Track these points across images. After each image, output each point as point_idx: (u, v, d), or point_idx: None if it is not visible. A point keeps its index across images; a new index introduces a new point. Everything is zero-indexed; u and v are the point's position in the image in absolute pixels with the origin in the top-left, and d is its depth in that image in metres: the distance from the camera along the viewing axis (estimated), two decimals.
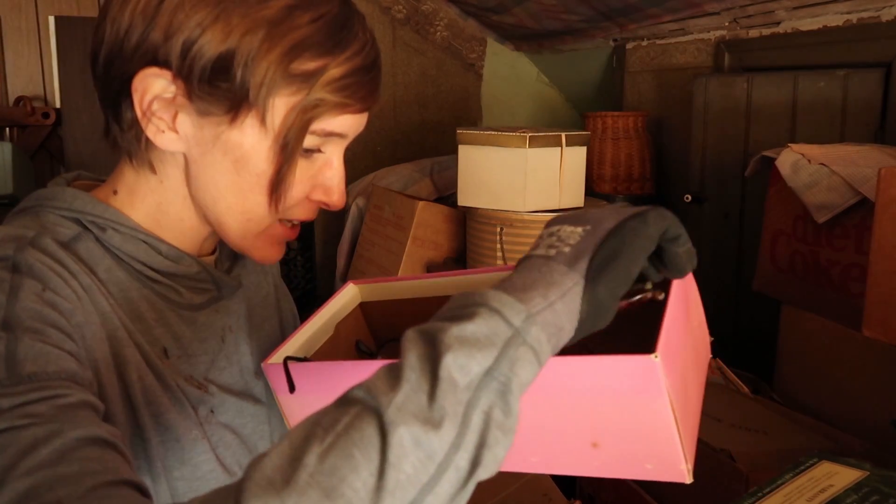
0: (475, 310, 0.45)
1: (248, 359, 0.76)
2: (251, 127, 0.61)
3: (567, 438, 0.55)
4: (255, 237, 0.67)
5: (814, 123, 1.79)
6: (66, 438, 0.47)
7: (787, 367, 1.50)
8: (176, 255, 0.68)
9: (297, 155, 0.63)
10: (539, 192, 1.85)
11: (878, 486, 0.77)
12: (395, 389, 0.41)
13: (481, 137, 1.88)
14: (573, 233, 0.51)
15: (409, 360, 0.42)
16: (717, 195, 2.04)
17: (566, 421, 0.54)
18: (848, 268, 1.33)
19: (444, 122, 3.19)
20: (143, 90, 0.60)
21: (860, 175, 1.29)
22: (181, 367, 0.67)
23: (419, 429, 0.40)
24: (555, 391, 0.53)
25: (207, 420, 0.68)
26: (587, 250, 0.49)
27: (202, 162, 0.63)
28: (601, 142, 2.35)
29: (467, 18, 3.14)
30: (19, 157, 2.40)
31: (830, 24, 1.80)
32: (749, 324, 1.97)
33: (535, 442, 0.56)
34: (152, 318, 0.66)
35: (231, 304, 0.75)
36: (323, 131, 0.63)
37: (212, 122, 0.61)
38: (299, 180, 0.64)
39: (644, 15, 2.31)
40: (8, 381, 0.50)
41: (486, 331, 0.44)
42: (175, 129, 0.62)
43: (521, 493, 1.44)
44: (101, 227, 0.64)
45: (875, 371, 1.26)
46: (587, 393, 0.52)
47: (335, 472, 0.38)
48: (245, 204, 0.64)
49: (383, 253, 2.21)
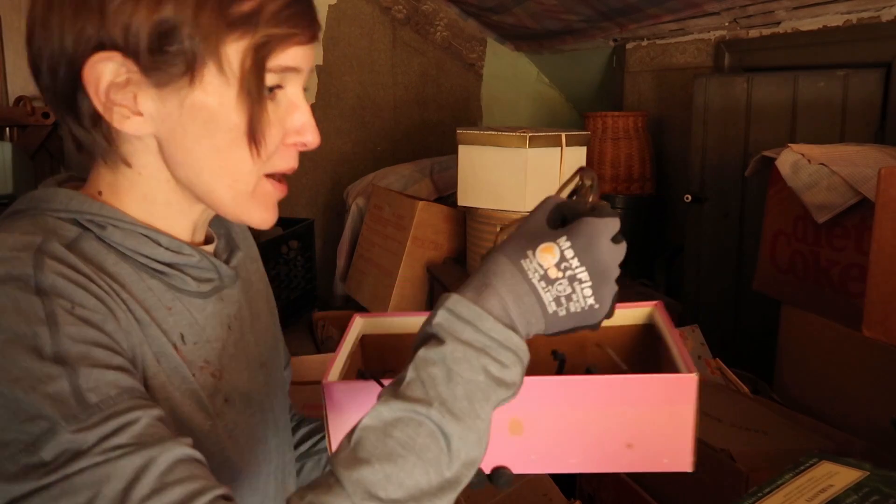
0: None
1: (253, 349, 0.76)
2: (211, 83, 0.61)
3: (606, 442, 0.65)
4: (247, 199, 0.67)
5: (814, 123, 1.79)
6: (160, 465, 0.51)
7: (787, 367, 1.50)
8: (176, 245, 0.68)
9: (264, 96, 0.63)
10: (539, 192, 1.85)
11: (878, 486, 0.77)
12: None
13: (481, 137, 1.88)
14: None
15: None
16: (717, 195, 2.04)
17: (608, 427, 0.64)
18: (848, 268, 1.33)
19: (444, 122, 3.19)
20: (95, 80, 0.60)
21: (860, 175, 1.29)
22: (198, 352, 0.68)
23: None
24: (601, 404, 0.64)
25: (221, 412, 0.69)
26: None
27: (174, 137, 0.63)
28: (601, 142, 2.35)
29: (467, 18, 3.14)
30: (19, 157, 2.40)
31: (830, 24, 1.80)
32: (749, 324, 1.97)
33: (577, 446, 0.65)
34: (165, 307, 0.66)
35: (232, 293, 0.75)
36: (279, 67, 0.63)
37: (172, 90, 0.61)
38: (270, 126, 0.64)
39: (644, 15, 2.31)
40: (84, 416, 0.51)
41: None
42: (139, 111, 0.62)
43: (521, 493, 1.44)
44: (101, 226, 0.64)
45: (875, 371, 1.26)
46: (630, 405, 0.64)
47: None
48: (228, 164, 0.64)
49: (383, 253, 2.20)
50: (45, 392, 0.52)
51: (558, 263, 0.58)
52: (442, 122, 3.19)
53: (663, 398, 0.64)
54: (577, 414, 0.64)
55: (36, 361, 0.52)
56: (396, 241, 2.15)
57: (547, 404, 0.64)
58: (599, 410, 0.64)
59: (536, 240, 0.59)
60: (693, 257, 2.13)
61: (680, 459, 0.65)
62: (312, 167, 3.02)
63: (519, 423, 0.65)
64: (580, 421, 0.64)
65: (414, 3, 3.07)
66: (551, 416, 0.64)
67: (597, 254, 0.58)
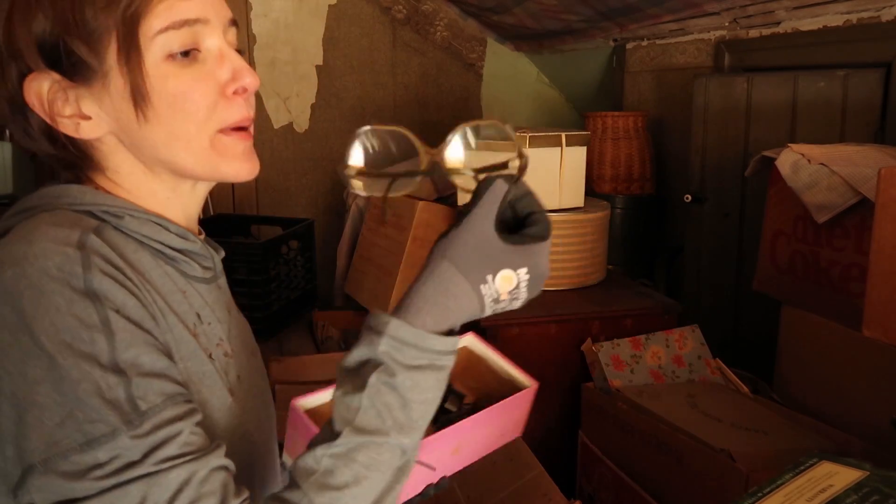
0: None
1: (245, 335, 0.81)
2: (120, 65, 0.64)
3: (493, 438, 0.96)
4: (209, 156, 0.68)
5: (814, 123, 1.79)
6: (200, 476, 0.57)
7: (787, 367, 1.50)
8: (183, 232, 0.71)
9: (141, 61, 0.63)
10: (539, 192, 1.84)
11: (878, 486, 0.77)
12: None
13: None
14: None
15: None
16: (717, 195, 2.04)
17: (494, 430, 0.94)
18: (848, 268, 1.33)
19: (444, 122, 3.19)
20: (34, 98, 0.64)
21: (860, 175, 1.29)
22: (213, 331, 0.71)
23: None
24: (495, 421, 0.92)
25: (235, 389, 0.72)
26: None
27: (124, 126, 0.66)
28: (601, 142, 2.35)
29: (467, 18, 3.14)
30: (19, 157, 2.40)
31: (830, 24, 1.80)
32: (749, 324, 1.97)
33: (481, 446, 0.95)
34: (180, 290, 0.69)
35: (223, 283, 0.79)
36: (175, 22, 0.64)
37: (99, 84, 0.64)
38: (198, 82, 0.65)
39: (644, 15, 2.31)
40: (138, 422, 0.56)
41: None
42: (85, 115, 0.65)
43: (521, 492, 1.44)
44: (118, 216, 0.66)
45: (875, 371, 1.26)
46: (508, 414, 0.94)
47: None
48: (173, 131, 0.66)
49: (383, 253, 2.21)
50: (106, 398, 0.55)
51: (511, 290, 0.62)
52: (442, 122, 3.19)
53: (519, 404, 0.94)
54: (483, 430, 0.91)
55: (96, 368, 0.56)
56: (396, 241, 2.15)
57: (473, 433, 0.90)
58: (494, 425, 0.93)
59: (495, 259, 0.61)
60: (693, 257, 2.13)
61: (519, 431, 0.99)
62: (312, 167, 3.02)
63: (458, 448, 0.90)
64: (485, 434, 0.92)
65: (414, 3, 3.07)
66: (474, 439, 0.91)
67: (540, 283, 0.63)
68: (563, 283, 1.86)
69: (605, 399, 1.54)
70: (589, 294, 1.85)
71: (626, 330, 1.72)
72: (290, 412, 0.88)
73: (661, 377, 1.60)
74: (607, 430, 1.52)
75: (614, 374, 1.58)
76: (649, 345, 1.64)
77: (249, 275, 2.07)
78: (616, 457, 1.45)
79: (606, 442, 1.53)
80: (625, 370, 1.60)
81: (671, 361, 1.63)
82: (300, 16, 2.93)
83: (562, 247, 1.84)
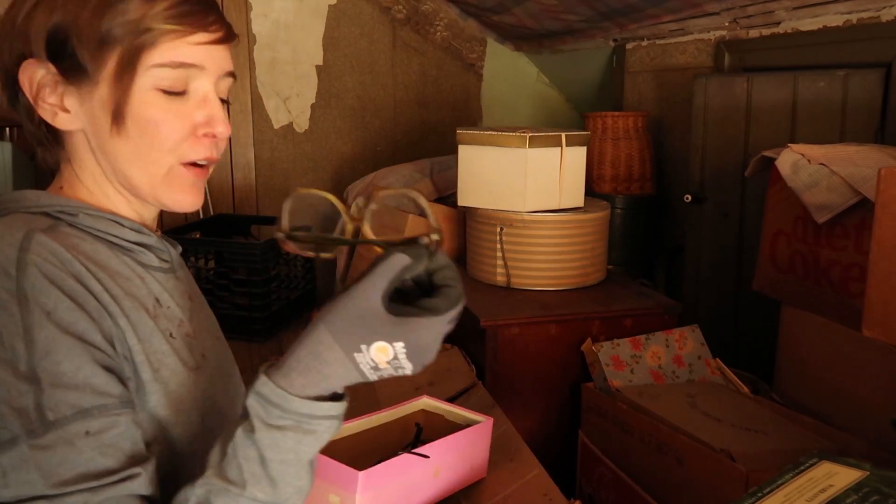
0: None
1: (208, 322, 0.84)
2: (113, 79, 0.69)
3: (463, 464, 1.13)
4: (161, 183, 0.73)
5: (814, 123, 1.79)
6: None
7: (787, 367, 1.50)
8: (137, 227, 0.75)
9: (132, 84, 0.69)
10: (539, 192, 1.85)
11: (878, 486, 0.77)
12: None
13: (481, 137, 1.88)
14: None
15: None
16: (717, 195, 2.04)
17: (467, 456, 1.14)
18: (848, 268, 1.33)
19: (444, 122, 3.19)
20: (27, 82, 0.70)
21: (860, 175, 1.29)
22: (173, 314, 0.75)
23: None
24: (466, 447, 1.12)
25: (201, 365, 0.76)
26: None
27: (96, 130, 0.71)
28: (601, 142, 2.35)
29: (467, 18, 3.14)
30: (19, 157, 2.40)
31: (830, 24, 1.80)
32: (749, 324, 1.97)
33: (460, 473, 1.12)
34: (138, 276, 0.73)
35: (182, 275, 0.83)
36: (173, 62, 0.69)
37: (87, 88, 0.69)
38: (174, 118, 0.70)
39: (644, 15, 2.31)
40: (41, 432, 0.58)
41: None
42: (65, 108, 0.70)
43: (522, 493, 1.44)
44: (72, 213, 0.71)
45: (875, 371, 1.26)
46: (474, 444, 1.15)
47: None
48: (137, 151, 0.71)
49: None
50: (13, 406, 0.58)
51: (390, 360, 0.60)
52: (442, 122, 3.19)
53: (482, 434, 1.14)
54: (456, 455, 1.09)
55: (10, 375, 0.58)
56: None
57: (449, 457, 1.06)
58: (464, 450, 1.11)
59: (371, 329, 0.60)
60: (693, 257, 2.13)
61: (483, 470, 1.16)
62: (312, 167, 3.02)
63: (438, 470, 1.01)
64: (460, 460, 1.10)
65: (414, 3, 3.07)
66: (452, 462, 1.06)
67: (425, 355, 0.61)
68: (563, 283, 1.86)
69: (605, 399, 1.54)
70: (589, 294, 1.85)
71: (626, 330, 1.72)
72: None
73: (661, 377, 1.60)
74: (607, 430, 1.52)
75: (614, 374, 1.58)
76: (649, 345, 1.64)
77: (249, 275, 2.07)
78: (616, 457, 1.45)
79: (606, 442, 1.53)
80: (625, 370, 1.60)
81: (671, 361, 1.63)
82: (300, 16, 2.92)
83: (562, 247, 1.84)
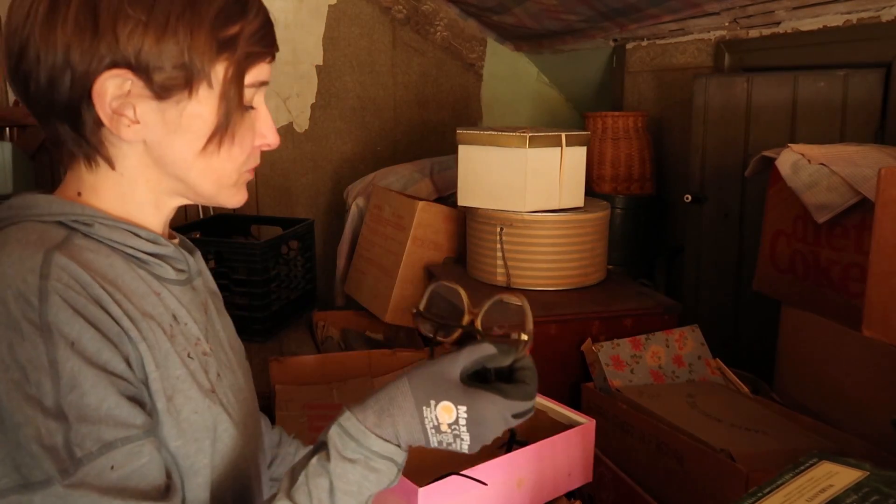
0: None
1: (223, 334, 0.83)
2: (204, 96, 0.70)
3: (559, 474, 1.02)
4: (227, 190, 0.76)
5: (814, 123, 1.79)
6: None
7: (787, 367, 1.50)
8: (153, 237, 0.74)
9: (241, 105, 0.72)
10: (539, 192, 1.85)
11: (878, 486, 0.77)
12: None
13: (481, 137, 1.88)
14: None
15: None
16: (717, 195, 2.04)
17: (559, 464, 1.01)
18: (848, 268, 1.33)
19: (444, 122, 3.19)
20: (104, 93, 0.66)
21: (860, 175, 1.29)
22: (190, 331, 0.74)
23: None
24: (557, 453, 1.00)
25: (217, 385, 0.75)
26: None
27: (167, 141, 0.70)
28: (601, 142, 2.35)
29: (467, 18, 3.14)
30: (19, 157, 2.40)
31: (830, 24, 1.80)
32: (749, 324, 1.97)
33: (548, 482, 1.00)
34: (154, 292, 0.72)
35: (199, 284, 0.81)
36: (256, 82, 0.73)
37: (173, 102, 0.69)
38: (250, 134, 0.75)
39: (644, 15, 2.31)
40: (73, 470, 0.59)
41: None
42: (137, 120, 0.69)
43: None
44: (87, 223, 0.69)
45: (875, 371, 1.26)
46: (571, 449, 1.01)
47: None
48: (214, 165, 0.72)
49: (383, 253, 2.20)
50: (45, 444, 0.58)
51: (451, 423, 0.68)
52: (442, 122, 3.19)
53: (576, 440, 1.01)
54: (544, 464, 0.97)
55: (39, 413, 0.58)
56: (396, 241, 2.15)
57: (535, 466, 0.97)
58: (557, 457, 0.99)
59: (443, 390, 0.68)
60: (693, 257, 2.13)
61: (587, 474, 1.03)
62: (312, 167, 3.02)
63: (522, 481, 0.95)
64: (549, 468, 0.97)
65: (414, 3, 3.07)
66: (536, 472, 0.96)
67: (484, 430, 0.68)
68: (563, 283, 1.86)
69: (605, 399, 1.54)
70: (589, 294, 1.85)
71: (626, 330, 1.72)
72: None
73: (661, 377, 1.60)
74: (607, 430, 1.52)
75: (614, 374, 1.58)
76: (649, 345, 1.64)
77: (249, 275, 2.07)
78: (616, 457, 1.45)
79: (606, 442, 1.53)
80: (625, 370, 1.60)
81: (671, 361, 1.63)
82: (300, 16, 2.93)
83: (562, 247, 1.84)
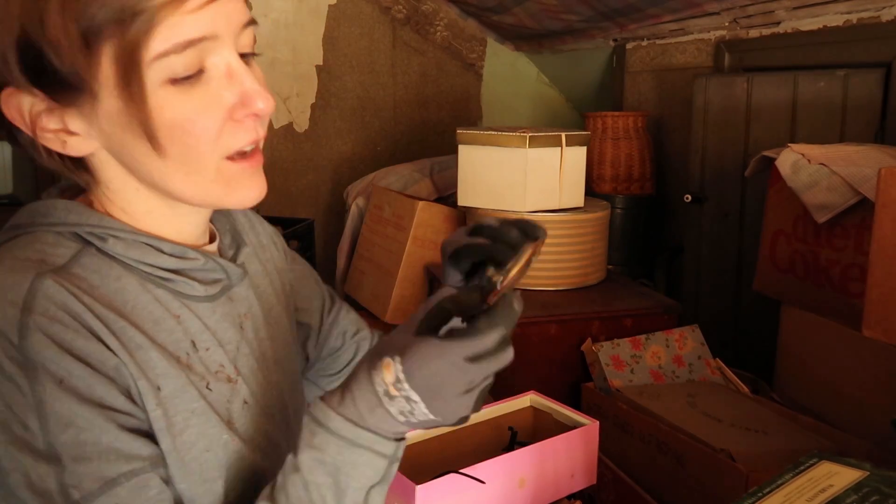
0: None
1: (267, 346, 0.74)
2: (115, 88, 0.56)
3: (561, 475, 1.02)
4: (213, 186, 0.62)
5: (814, 123, 1.79)
6: None
7: (787, 367, 1.50)
8: (180, 251, 0.65)
9: (144, 88, 0.56)
10: (539, 192, 1.85)
11: (878, 486, 0.77)
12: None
13: (481, 137, 1.88)
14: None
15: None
16: (717, 195, 2.04)
17: (561, 465, 1.01)
18: (848, 268, 1.33)
19: (444, 122, 3.19)
20: (16, 114, 0.59)
21: (860, 175, 1.29)
22: (212, 357, 0.66)
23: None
24: (560, 454, 1.00)
25: (240, 417, 0.68)
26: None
27: (119, 148, 0.60)
28: (601, 142, 2.35)
29: (467, 18, 3.14)
30: (19, 158, 2.40)
31: (830, 24, 1.80)
32: (749, 324, 1.97)
33: (549, 483, 1.00)
34: (173, 315, 0.64)
35: (241, 291, 0.73)
36: (178, 45, 0.55)
37: (87, 106, 0.58)
38: (202, 109, 0.58)
39: (644, 15, 2.31)
40: None
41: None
42: (71, 131, 0.59)
43: None
44: (102, 238, 0.62)
45: (875, 371, 1.26)
46: (573, 450, 1.02)
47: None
48: (173, 160, 0.59)
49: (383, 253, 2.21)
50: (37, 490, 0.54)
51: (394, 383, 0.56)
52: (442, 122, 3.19)
53: (578, 441, 1.00)
54: (546, 465, 0.97)
55: (28, 456, 0.54)
56: (396, 241, 2.15)
57: (538, 467, 0.97)
58: (559, 458, 0.99)
59: (390, 347, 0.57)
60: (693, 257, 2.13)
61: (590, 476, 1.03)
62: (312, 167, 3.02)
63: (524, 481, 0.95)
64: (551, 470, 0.98)
65: (414, 3, 3.07)
66: (538, 472, 0.96)
67: (431, 383, 0.55)
68: (563, 283, 1.86)
69: (605, 399, 1.54)
70: (589, 294, 1.85)
71: (626, 330, 1.72)
72: None
73: (661, 377, 1.60)
74: (607, 430, 1.52)
75: (614, 374, 1.58)
76: (649, 345, 1.64)
77: None
78: (616, 457, 1.45)
79: (606, 442, 1.53)
80: (625, 370, 1.60)
81: (671, 361, 1.63)
82: (300, 16, 2.92)
83: (562, 247, 1.84)
